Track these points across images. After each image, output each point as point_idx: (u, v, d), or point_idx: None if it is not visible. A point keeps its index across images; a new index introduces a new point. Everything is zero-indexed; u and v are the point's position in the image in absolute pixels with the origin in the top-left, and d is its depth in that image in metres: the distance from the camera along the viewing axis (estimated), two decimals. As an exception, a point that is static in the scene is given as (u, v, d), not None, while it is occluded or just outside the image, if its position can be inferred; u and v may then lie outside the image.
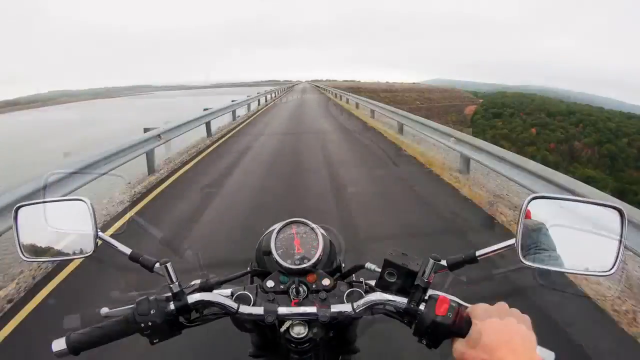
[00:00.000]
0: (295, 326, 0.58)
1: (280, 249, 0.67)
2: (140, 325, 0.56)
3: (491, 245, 0.56)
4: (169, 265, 0.60)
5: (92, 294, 2.22)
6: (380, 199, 4.15)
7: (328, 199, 4.10)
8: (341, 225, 3.26)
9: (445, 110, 76.90)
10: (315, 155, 6.58)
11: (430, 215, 3.65)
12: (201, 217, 3.61)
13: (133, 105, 58.80)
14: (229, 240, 3.04)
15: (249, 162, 6.13)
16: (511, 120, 68.35)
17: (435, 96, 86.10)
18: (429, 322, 0.52)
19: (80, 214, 0.65)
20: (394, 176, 5.27)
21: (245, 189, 4.61)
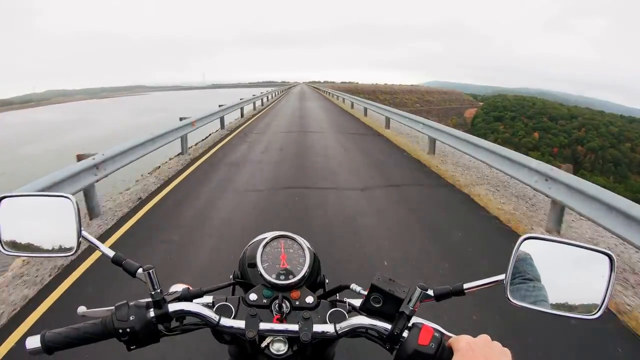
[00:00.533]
0: (276, 342, 0.58)
1: (266, 262, 0.67)
2: (119, 330, 0.56)
3: (480, 279, 0.58)
4: (152, 271, 0.60)
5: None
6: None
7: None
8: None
9: (445, 113, 76.84)
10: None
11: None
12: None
13: (127, 105, 59.25)
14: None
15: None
16: (513, 124, 68.27)
17: (435, 98, 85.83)
18: (411, 351, 0.53)
19: (65, 211, 0.64)
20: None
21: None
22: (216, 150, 7.42)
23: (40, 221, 0.67)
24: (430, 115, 56.36)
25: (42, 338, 0.55)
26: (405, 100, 74.90)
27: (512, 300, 0.56)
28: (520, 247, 0.57)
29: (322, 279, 0.74)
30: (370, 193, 4.62)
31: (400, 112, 9.49)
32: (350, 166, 6.11)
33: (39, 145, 16.89)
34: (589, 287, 0.55)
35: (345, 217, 3.78)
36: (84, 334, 0.57)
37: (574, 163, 52.34)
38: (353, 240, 3.22)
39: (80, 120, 31.13)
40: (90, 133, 20.70)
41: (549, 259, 0.57)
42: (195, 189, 4.80)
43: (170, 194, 4.65)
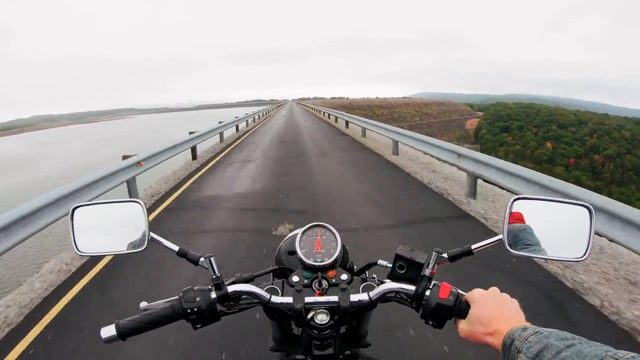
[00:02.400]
0: (319, 314, 0.71)
1: (304, 249, 0.81)
2: (187, 311, 0.68)
3: (483, 240, 0.73)
4: (212, 259, 0.74)
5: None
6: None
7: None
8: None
9: (446, 126, 77.61)
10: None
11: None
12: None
13: (97, 132, 58.94)
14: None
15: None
16: (522, 135, 67.68)
17: (433, 110, 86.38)
18: (434, 304, 0.67)
19: (134, 214, 0.79)
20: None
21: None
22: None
23: (112, 224, 0.82)
24: (430, 129, 55.83)
25: (116, 326, 0.67)
26: (404, 114, 75.52)
27: (512, 251, 0.70)
28: (512, 207, 0.71)
29: (350, 265, 0.90)
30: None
31: (412, 135, 7.60)
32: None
33: None
34: (574, 234, 0.69)
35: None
36: (155, 317, 0.69)
37: (592, 173, 51.90)
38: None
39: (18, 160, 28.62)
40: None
41: (538, 215, 0.70)
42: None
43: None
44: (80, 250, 0.80)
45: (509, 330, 0.55)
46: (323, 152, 9.71)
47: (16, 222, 3.12)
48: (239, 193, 5.85)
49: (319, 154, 9.51)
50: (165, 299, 0.73)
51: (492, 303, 0.62)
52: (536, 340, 0.49)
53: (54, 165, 21.43)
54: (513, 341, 0.52)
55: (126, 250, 0.79)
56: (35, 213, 3.37)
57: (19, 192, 10.62)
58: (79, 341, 2.33)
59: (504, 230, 0.70)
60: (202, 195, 5.84)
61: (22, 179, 16.69)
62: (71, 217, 0.81)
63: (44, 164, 24.21)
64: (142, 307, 0.73)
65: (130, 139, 34.10)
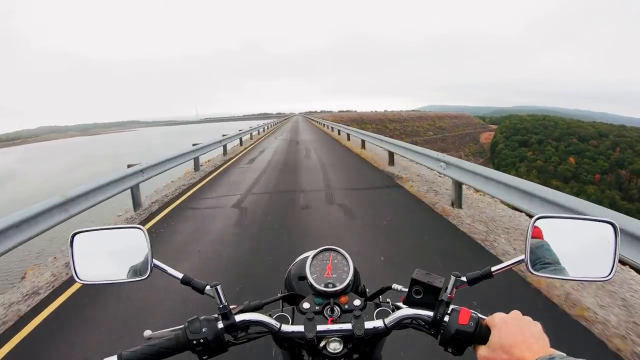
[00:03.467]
0: (332, 342, 0.70)
1: (315, 274, 0.81)
2: (193, 342, 0.68)
3: (504, 262, 0.73)
4: (219, 287, 0.74)
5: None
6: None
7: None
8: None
9: (461, 140, 77.23)
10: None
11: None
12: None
13: (87, 147, 58.91)
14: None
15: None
16: (543, 149, 66.33)
17: (447, 124, 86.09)
18: (454, 331, 0.66)
19: (136, 241, 0.79)
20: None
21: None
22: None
23: (113, 251, 0.82)
24: (445, 144, 55.26)
25: (119, 358, 0.66)
26: (417, 129, 75.51)
27: (534, 273, 0.70)
28: (533, 226, 0.71)
29: (362, 288, 0.88)
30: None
31: (481, 170, 5.00)
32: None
33: None
34: (598, 253, 0.69)
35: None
36: (159, 349, 0.68)
37: (618, 190, 49.93)
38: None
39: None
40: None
41: (561, 233, 0.71)
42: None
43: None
44: (81, 278, 0.80)
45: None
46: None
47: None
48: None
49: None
50: (171, 328, 0.73)
51: (514, 328, 0.61)
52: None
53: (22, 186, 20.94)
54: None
55: (128, 278, 0.79)
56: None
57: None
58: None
59: (526, 250, 0.70)
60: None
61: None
62: (70, 243, 0.80)
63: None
64: (146, 336, 0.73)
65: (116, 157, 33.03)
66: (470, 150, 71.43)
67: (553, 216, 0.72)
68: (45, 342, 2.67)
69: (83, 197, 4.76)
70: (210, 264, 3.84)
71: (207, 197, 6.96)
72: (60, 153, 50.91)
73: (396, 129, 69.06)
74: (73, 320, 2.94)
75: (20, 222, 3.60)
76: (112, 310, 3.02)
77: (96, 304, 3.15)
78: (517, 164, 62.83)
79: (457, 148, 66.53)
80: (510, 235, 4.32)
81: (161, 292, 3.13)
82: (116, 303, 3.10)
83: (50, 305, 3.20)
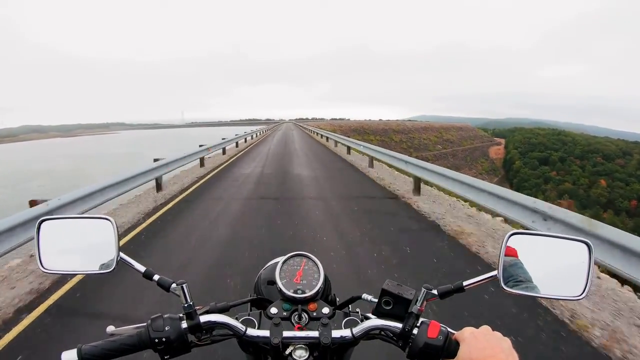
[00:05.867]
0: (298, 349, 0.73)
1: (284, 279, 0.85)
2: (154, 340, 0.70)
3: (476, 276, 0.77)
4: (185, 286, 0.77)
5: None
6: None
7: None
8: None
9: (471, 154, 77.05)
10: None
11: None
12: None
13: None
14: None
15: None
16: (569, 169, 64.32)
17: (453, 136, 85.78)
18: (422, 344, 0.70)
19: (104, 232, 0.82)
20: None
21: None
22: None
23: (80, 241, 0.85)
24: (457, 160, 54.07)
25: (78, 352, 0.68)
26: (425, 141, 75.36)
27: (506, 289, 0.74)
28: (507, 242, 0.75)
29: (333, 297, 0.93)
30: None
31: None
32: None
33: None
34: (572, 272, 0.73)
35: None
36: (120, 345, 0.70)
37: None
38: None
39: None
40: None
41: (534, 250, 0.75)
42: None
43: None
44: (45, 267, 0.82)
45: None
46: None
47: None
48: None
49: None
50: (136, 324, 0.75)
51: (483, 343, 0.64)
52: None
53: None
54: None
55: (94, 270, 0.82)
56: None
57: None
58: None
59: (499, 266, 0.75)
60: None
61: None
62: (37, 230, 0.83)
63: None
64: (109, 331, 0.76)
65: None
66: (483, 168, 70.95)
67: (527, 233, 0.76)
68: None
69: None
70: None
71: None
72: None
73: (402, 141, 68.68)
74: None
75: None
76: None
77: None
78: (542, 185, 60.54)
79: (470, 165, 66.14)
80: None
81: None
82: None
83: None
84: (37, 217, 4.27)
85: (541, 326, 2.94)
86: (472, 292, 0.79)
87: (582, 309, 3.18)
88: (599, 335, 2.83)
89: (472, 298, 3.16)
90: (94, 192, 5.37)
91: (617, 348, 2.65)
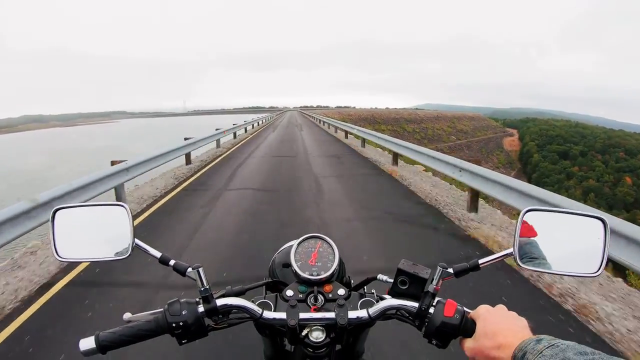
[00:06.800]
0: (314, 331, 0.76)
1: (299, 262, 0.88)
2: (172, 325, 0.73)
3: (492, 254, 0.79)
4: (201, 269, 0.79)
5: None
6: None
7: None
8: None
9: (485, 146, 75.73)
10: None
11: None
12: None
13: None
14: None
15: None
16: (591, 164, 62.19)
17: (467, 127, 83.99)
18: (439, 323, 0.72)
19: (118, 219, 0.84)
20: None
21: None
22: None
23: (95, 228, 0.87)
24: (472, 152, 52.78)
25: (96, 338, 0.71)
26: (438, 132, 74.26)
27: (522, 265, 0.76)
28: (523, 219, 0.77)
29: (347, 279, 0.96)
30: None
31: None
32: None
33: None
34: (587, 248, 0.75)
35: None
36: (137, 331, 0.73)
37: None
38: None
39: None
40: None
41: (550, 227, 0.77)
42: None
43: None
44: (61, 255, 0.84)
45: (521, 343, 0.57)
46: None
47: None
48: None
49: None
50: (151, 310, 0.78)
51: (499, 319, 0.66)
52: (552, 354, 0.51)
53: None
54: (525, 354, 0.55)
55: (109, 257, 0.84)
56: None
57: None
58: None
59: (515, 243, 0.76)
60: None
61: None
62: (52, 219, 0.85)
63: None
64: (126, 318, 0.78)
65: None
66: (499, 161, 69.46)
67: (543, 209, 0.78)
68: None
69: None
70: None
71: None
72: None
73: (415, 131, 67.50)
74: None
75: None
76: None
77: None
78: (564, 181, 58.66)
79: (486, 158, 64.75)
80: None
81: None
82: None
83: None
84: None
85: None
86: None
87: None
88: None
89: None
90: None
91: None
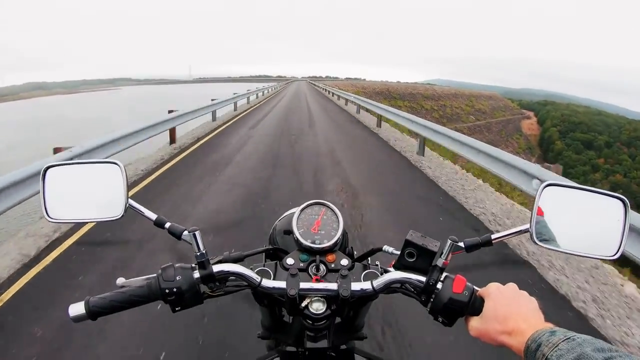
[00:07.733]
0: (315, 302, 0.74)
1: (302, 229, 0.85)
2: (165, 291, 0.70)
3: (506, 229, 0.77)
4: (197, 233, 0.76)
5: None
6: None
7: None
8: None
9: (504, 128, 73.67)
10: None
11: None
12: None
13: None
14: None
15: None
16: (615, 156, 60.44)
17: (485, 106, 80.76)
18: (446, 299, 0.69)
19: (112, 177, 0.82)
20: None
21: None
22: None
23: (87, 188, 0.85)
24: (492, 135, 50.79)
25: (86, 304, 0.68)
26: (457, 111, 72.50)
27: (538, 243, 0.75)
28: (542, 194, 0.76)
29: (350, 250, 0.93)
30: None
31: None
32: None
33: None
34: (606, 229, 0.74)
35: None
36: (129, 297, 0.71)
37: None
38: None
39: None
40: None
41: (568, 204, 0.76)
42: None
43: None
44: (51, 216, 0.81)
45: (534, 333, 0.56)
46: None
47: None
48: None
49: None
50: (145, 275, 0.75)
51: (509, 299, 0.65)
52: (568, 348, 0.50)
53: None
54: (540, 346, 0.54)
55: (101, 217, 0.82)
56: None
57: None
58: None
59: (532, 220, 0.75)
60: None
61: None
62: (42, 178, 0.81)
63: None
64: (119, 283, 0.75)
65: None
66: (519, 146, 67.56)
67: (562, 185, 0.76)
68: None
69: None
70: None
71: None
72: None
73: (433, 109, 65.70)
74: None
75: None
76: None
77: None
78: (590, 174, 56.12)
79: (505, 141, 63.12)
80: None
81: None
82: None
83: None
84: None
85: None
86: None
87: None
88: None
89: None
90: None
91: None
